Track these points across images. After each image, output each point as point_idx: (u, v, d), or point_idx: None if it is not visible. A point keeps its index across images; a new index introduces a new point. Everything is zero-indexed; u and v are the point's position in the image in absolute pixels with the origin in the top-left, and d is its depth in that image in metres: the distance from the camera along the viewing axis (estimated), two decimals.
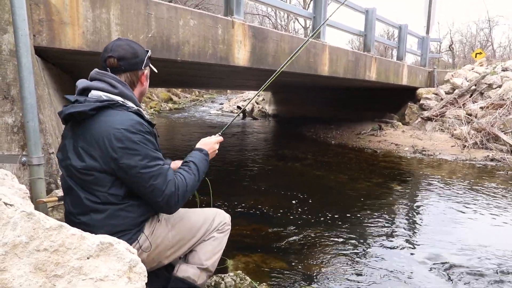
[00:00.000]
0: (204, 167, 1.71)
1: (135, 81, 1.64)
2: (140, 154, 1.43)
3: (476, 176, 6.10)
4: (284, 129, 13.29)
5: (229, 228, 1.88)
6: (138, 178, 1.44)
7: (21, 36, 2.24)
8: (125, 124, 1.44)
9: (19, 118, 2.53)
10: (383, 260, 2.92)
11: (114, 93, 1.52)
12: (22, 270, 0.88)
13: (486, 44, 24.78)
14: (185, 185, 1.54)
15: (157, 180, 1.45)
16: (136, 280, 1.03)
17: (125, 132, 1.42)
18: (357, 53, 7.82)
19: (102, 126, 1.44)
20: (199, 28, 4.25)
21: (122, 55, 1.56)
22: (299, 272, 2.68)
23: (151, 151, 1.47)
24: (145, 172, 1.43)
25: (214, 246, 1.78)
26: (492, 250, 3.15)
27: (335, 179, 5.78)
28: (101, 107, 1.46)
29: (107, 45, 1.61)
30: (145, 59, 1.64)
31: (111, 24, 3.49)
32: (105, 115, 1.46)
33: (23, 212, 0.91)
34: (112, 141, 1.41)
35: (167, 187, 1.47)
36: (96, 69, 1.59)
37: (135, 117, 1.49)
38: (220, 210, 1.92)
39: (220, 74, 7.12)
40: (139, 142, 1.44)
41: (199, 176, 1.64)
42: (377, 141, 9.44)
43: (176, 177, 1.54)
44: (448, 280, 2.62)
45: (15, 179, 1.49)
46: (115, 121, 1.44)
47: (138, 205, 1.53)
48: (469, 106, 9.46)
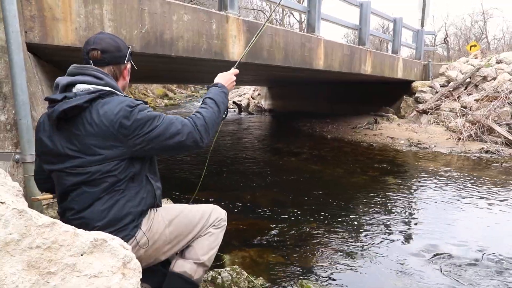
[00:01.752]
0: (222, 98, 1.75)
1: (118, 75, 1.64)
2: (149, 119, 1.47)
3: (471, 168, 6.13)
4: (280, 124, 13.29)
5: (225, 224, 1.88)
6: (157, 139, 1.48)
7: (12, 32, 2.22)
8: (123, 103, 1.45)
9: (12, 116, 2.51)
10: (379, 253, 2.93)
11: (101, 85, 1.50)
12: (15, 268, 0.87)
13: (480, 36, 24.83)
14: (202, 118, 1.59)
15: (171, 128, 1.50)
16: (130, 276, 1.03)
17: (128, 109, 1.44)
18: (352, 47, 7.82)
19: (102, 115, 1.42)
20: (193, 23, 4.22)
21: (105, 48, 1.56)
22: (296, 266, 2.70)
23: (152, 113, 1.51)
24: (159, 130, 1.48)
25: (211, 241, 1.78)
26: (486, 241, 3.18)
27: (331, 173, 5.79)
28: (94, 98, 1.44)
29: (90, 38, 1.61)
30: (127, 54, 1.66)
31: (104, 20, 3.46)
32: (100, 105, 1.44)
33: (14, 210, 0.90)
34: (121, 121, 1.42)
35: (184, 127, 1.52)
36: (74, 65, 1.56)
37: (127, 98, 1.52)
38: (216, 206, 1.91)
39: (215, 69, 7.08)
40: (140, 110, 1.47)
41: (218, 108, 1.69)
42: (372, 134, 9.47)
43: (191, 116, 1.61)
44: (443, 271, 2.64)
45: (8, 176, 1.47)
46: (113, 107, 1.44)
47: (136, 192, 1.53)
48: (464, 99, 9.49)
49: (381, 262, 2.78)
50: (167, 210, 1.71)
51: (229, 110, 16.70)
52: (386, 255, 2.90)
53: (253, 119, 15.21)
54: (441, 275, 2.60)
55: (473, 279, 2.54)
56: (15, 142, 2.51)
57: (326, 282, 2.47)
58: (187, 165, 6.00)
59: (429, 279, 2.54)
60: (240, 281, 2.32)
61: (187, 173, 5.52)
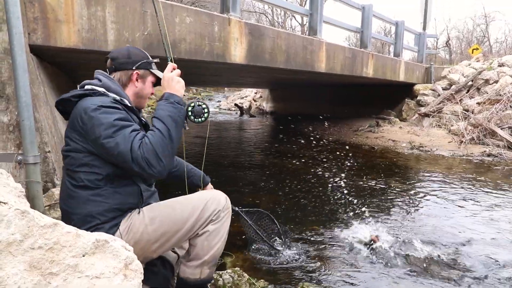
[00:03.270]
0: (168, 110, 1.55)
1: (126, 81, 1.73)
2: (103, 123, 1.45)
3: (473, 171, 6.12)
4: (281, 126, 13.29)
5: (225, 213, 1.76)
6: (106, 149, 1.45)
7: (15, 34, 2.23)
8: (95, 101, 1.51)
9: (15, 117, 2.52)
10: (381, 256, 2.92)
11: (98, 85, 1.62)
12: (17, 268, 0.88)
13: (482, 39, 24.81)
14: (150, 144, 1.44)
15: (120, 147, 1.43)
16: (132, 277, 1.03)
17: (93, 106, 1.48)
18: (354, 50, 7.82)
19: (77, 107, 1.53)
20: (195, 25, 4.23)
21: (115, 55, 1.73)
22: (297, 268, 2.69)
23: (118, 120, 1.47)
24: (109, 141, 1.44)
25: (210, 240, 1.71)
26: (487, 244, 3.17)
27: (332, 176, 5.78)
28: (82, 94, 1.57)
29: None
30: (139, 62, 1.73)
31: (106, 22, 3.47)
32: (83, 100, 1.55)
33: (17, 210, 0.90)
34: (82, 116, 1.49)
35: (132, 151, 1.42)
36: (96, 70, 1.74)
37: (108, 99, 1.56)
38: (215, 194, 1.80)
39: (217, 71, 7.11)
40: (105, 113, 1.47)
41: (165, 125, 1.50)
42: (374, 137, 9.46)
43: (142, 141, 1.48)
44: (446, 276, 2.63)
45: (10, 177, 1.48)
46: (88, 102, 1.52)
47: (113, 193, 1.55)
48: (466, 102, 9.48)
49: (383, 265, 2.77)
50: (151, 208, 1.66)
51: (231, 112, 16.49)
52: (388, 258, 2.89)
53: (255, 121, 15.21)
54: (445, 280, 2.59)
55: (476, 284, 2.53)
56: (17, 144, 2.52)
57: (328, 285, 2.46)
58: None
59: (433, 283, 2.53)
60: (241, 283, 2.31)
61: None
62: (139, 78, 1.74)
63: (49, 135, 2.88)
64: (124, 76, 1.72)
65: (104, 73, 1.70)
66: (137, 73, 1.73)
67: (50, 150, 2.76)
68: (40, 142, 2.66)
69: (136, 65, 1.73)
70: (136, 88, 1.74)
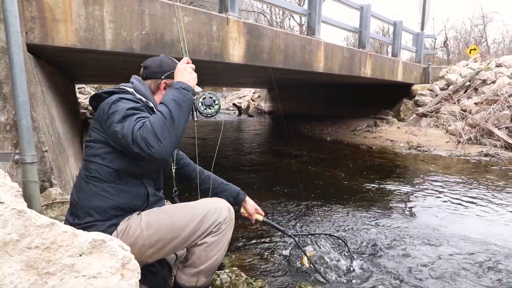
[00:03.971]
0: (173, 95, 1.54)
1: (154, 88, 1.79)
2: (118, 110, 1.51)
3: (470, 171, 6.13)
4: (279, 126, 13.30)
5: (227, 226, 1.71)
6: (115, 133, 1.49)
7: (12, 33, 2.22)
8: (119, 95, 1.59)
9: (12, 116, 2.51)
10: (378, 257, 2.93)
11: (129, 86, 1.71)
12: (13, 268, 0.87)
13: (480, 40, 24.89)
14: (150, 125, 1.44)
15: (124, 130, 1.46)
16: (129, 277, 1.03)
17: (115, 98, 1.57)
18: (352, 50, 7.83)
19: (104, 101, 1.60)
20: (193, 25, 4.23)
21: (147, 64, 1.80)
22: (295, 269, 2.69)
23: (131, 109, 1.52)
24: (117, 125, 1.48)
25: (209, 251, 1.67)
26: (484, 243, 3.18)
27: (330, 175, 5.79)
28: (112, 91, 1.65)
29: None
30: (169, 71, 1.77)
31: (104, 21, 3.47)
32: (111, 96, 1.62)
33: (13, 210, 0.90)
34: (105, 107, 1.56)
35: (133, 132, 1.44)
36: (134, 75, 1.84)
37: (132, 96, 1.63)
38: (217, 204, 1.73)
39: (215, 71, 7.10)
40: (123, 103, 1.54)
41: (168, 108, 1.48)
42: (372, 137, 9.47)
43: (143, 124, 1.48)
44: (443, 276, 2.64)
45: (7, 177, 1.47)
46: (113, 96, 1.60)
47: (120, 191, 1.56)
48: (464, 102, 9.51)
49: (381, 266, 2.78)
50: (149, 212, 1.64)
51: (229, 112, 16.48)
52: (385, 259, 2.90)
53: (253, 121, 15.22)
54: (442, 280, 2.59)
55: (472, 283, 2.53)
56: (14, 143, 2.51)
57: (326, 286, 2.47)
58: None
59: (429, 283, 2.53)
60: (239, 283, 2.31)
61: None
62: (167, 87, 1.76)
63: (47, 134, 2.87)
64: (153, 84, 1.78)
65: (138, 78, 1.78)
66: (165, 82, 1.77)
67: (48, 149, 2.75)
68: (37, 141, 2.65)
69: (165, 75, 1.77)
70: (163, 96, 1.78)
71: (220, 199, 1.82)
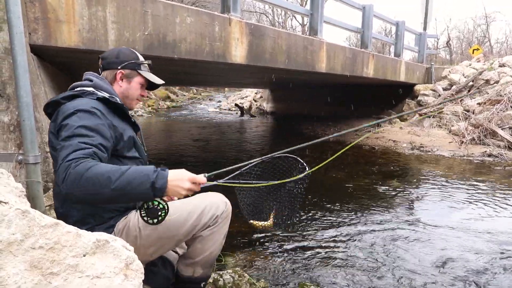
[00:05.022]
0: (136, 177, 1.22)
1: (111, 79, 1.74)
2: (68, 127, 1.37)
3: (473, 171, 6.11)
4: (282, 127, 13.29)
5: (224, 219, 1.73)
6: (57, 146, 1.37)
7: (16, 34, 2.23)
8: (76, 104, 1.47)
9: (15, 117, 2.52)
10: (381, 257, 2.92)
11: (89, 86, 1.63)
12: (18, 268, 0.87)
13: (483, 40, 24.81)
14: (85, 167, 1.20)
15: (61, 152, 1.29)
16: (133, 277, 1.03)
17: (71, 110, 1.44)
18: (354, 50, 7.82)
19: (61, 109, 1.49)
20: (196, 25, 4.23)
21: (105, 55, 1.76)
22: (298, 269, 2.69)
23: (82, 127, 1.36)
24: (60, 143, 1.34)
25: (204, 243, 1.69)
26: (488, 245, 3.17)
27: (333, 176, 5.78)
28: (72, 95, 1.55)
29: None
30: (126, 61, 1.73)
31: (107, 22, 3.48)
32: (70, 102, 1.52)
33: (17, 210, 0.90)
34: (59, 120, 1.45)
35: (64, 159, 1.24)
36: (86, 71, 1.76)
37: (93, 102, 1.51)
38: (213, 199, 1.74)
39: (218, 71, 7.11)
40: (77, 117, 1.40)
41: (115, 177, 1.20)
42: (374, 137, 9.45)
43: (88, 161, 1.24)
44: (449, 276, 2.63)
45: (11, 177, 1.47)
46: (70, 105, 1.49)
47: None
48: (467, 102, 9.48)
49: (384, 267, 2.77)
50: None
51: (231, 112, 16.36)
52: (388, 260, 2.89)
53: (255, 121, 15.21)
54: (448, 280, 2.58)
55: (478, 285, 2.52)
56: (18, 143, 2.52)
57: (328, 285, 2.46)
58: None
59: (435, 284, 2.52)
60: (241, 284, 2.31)
61: None
62: (124, 78, 1.74)
63: None
64: (110, 75, 1.74)
65: (93, 74, 1.72)
66: (122, 72, 1.73)
67: None
68: (40, 142, 2.66)
69: (122, 65, 1.73)
70: (121, 88, 1.74)
71: (217, 193, 1.83)
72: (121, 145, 1.56)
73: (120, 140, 1.56)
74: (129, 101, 1.78)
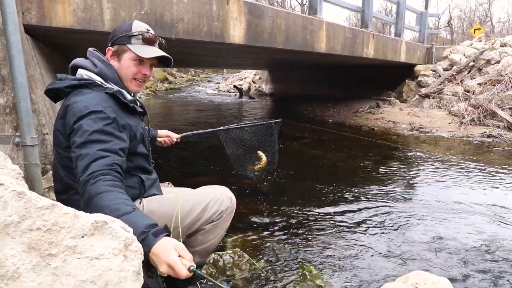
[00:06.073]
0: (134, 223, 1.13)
1: (107, 56, 1.57)
2: (83, 131, 1.32)
3: (472, 152, 6.12)
4: (281, 108, 13.23)
5: (228, 214, 1.72)
6: (72, 154, 1.33)
7: (9, 13, 2.18)
8: (87, 104, 1.37)
9: (11, 99, 2.49)
10: (380, 237, 2.94)
11: (94, 72, 1.50)
12: (15, 250, 0.87)
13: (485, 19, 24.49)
14: (95, 194, 1.19)
15: (79, 161, 1.27)
16: (132, 258, 1.02)
17: (84, 111, 1.35)
18: (354, 30, 7.71)
19: (72, 106, 1.40)
20: (193, 4, 4.15)
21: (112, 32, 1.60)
22: (297, 249, 2.71)
23: (97, 132, 1.32)
24: (75, 151, 1.31)
25: (206, 236, 1.69)
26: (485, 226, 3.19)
27: (332, 157, 5.78)
28: (77, 85, 1.45)
29: None
30: (116, 36, 1.53)
31: (102, 1, 3.40)
32: (78, 94, 1.43)
33: (13, 191, 0.89)
34: (70, 119, 1.37)
35: (85, 172, 1.24)
36: (91, 48, 1.60)
37: (103, 99, 1.42)
38: (218, 194, 1.72)
39: (216, 52, 7.01)
40: (91, 120, 1.34)
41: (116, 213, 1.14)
42: (374, 118, 9.42)
43: (105, 179, 1.22)
44: (446, 258, 2.65)
45: (8, 159, 1.46)
46: (82, 99, 1.39)
47: None
48: (467, 83, 9.41)
49: (382, 247, 2.79)
50: (150, 201, 1.61)
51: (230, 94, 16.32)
52: (387, 240, 2.91)
53: (254, 103, 15.14)
54: (444, 261, 2.61)
55: (475, 265, 2.55)
56: (14, 126, 2.49)
57: (327, 265, 2.49)
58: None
59: (430, 264, 2.55)
60: (241, 264, 2.33)
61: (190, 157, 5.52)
62: (114, 55, 1.54)
63: (47, 117, 2.85)
64: (107, 52, 1.57)
65: (98, 56, 1.55)
66: (110, 49, 1.54)
67: (48, 132, 2.74)
68: (37, 124, 2.64)
69: (112, 41, 1.54)
70: (115, 67, 1.56)
71: (223, 187, 1.82)
72: (133, 143, 1.52)
73: (133, 139, 1.52)
74: (126, 83, 1.57)
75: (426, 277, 1.67)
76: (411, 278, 1.67)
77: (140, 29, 1.54)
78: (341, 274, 2.38)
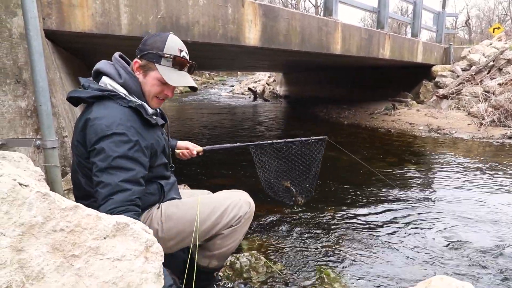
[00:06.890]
0: None
1: (133, 70, 1.54)
2: (106, 155, 1.32)
3: (493, 154, 5.97)
4: (296, 110, 13.19)
5: (246, 219, 1.72)
6: (93, 178, 1.34)
7: (30, 18, 2.22)
8: (110, 122, 1.35)
9: (32, 102, 2.53)
10: (399, 241, 2.89)
11: (119, 83, 1.49)
12: (40, 250, 0.88)
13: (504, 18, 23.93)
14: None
15: (102, 189, 1.30)
16: (153, 260, 1.03)
17: (107, 132, 1.34)
18: (370, 31, 7.63)
19: (91, 116, 1.39)
20: (208, 7, 4.17)
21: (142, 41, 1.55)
22: (315, 252, 2.68)
23: (120, 158, 1.32)
24: (98, 174, 1.32)
25: (225, 240, 1.69)
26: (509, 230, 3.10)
27: (348, 159, 5.72)
28: (101, 96, 1.43)
29: None
30: (148, 51, 1.48)
31: (120, 6, 3.45)
32: (101, 107, 1.41)
33: (38, 193, 0.90)
34: (91, 133, 1.36)
35: (104, 205, 1.28)
36: (118, 53, 1.58)
37: (126, 116, 1.39)
38: (236, 199, 1.71)
39: (231, 55, 7.04)
40: (113, 143, 1.33)
41: None
42: (391, 120, 9.30)
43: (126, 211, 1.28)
44: (463, 260, 2.58)
45: (30, 161, 1.49)
46: (104, 116, 1.37)
47: None
48: (487, 83, 9.20)
49: (401, 250, 2.74)
50: (169, 205, 1.62)
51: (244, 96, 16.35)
52: (406, 243, 2.86)
53: (269, 105, 15.12)
54: (466, 266, 2.54)
55: (499, 271, 2.48)
56: (35, 128, 2.54)
57: (345, 269, 2.45)
58: None
59: (450, 268, 2.49)
60: (258, 267, 2.32)
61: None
62: (140, 69, 1.52)
63: (66, 120, 2.90)
64: (134, 64, 1.54)
65: (124, 65, 1.52)
66: (138, 61, 1.51)
67: (67, 135, 2.79)
68: (57, 127, 2.69)
69: (142, 53, 1.50)
70: (140, 81, 1.54)
71: (241, 191, 1.81)
72: (152, 160, 1.52)
73: (154, 155, 1.52)
74: (147, 98, 1.54)
75: (449, 282, 1.62)
76: (434, 283, 1.63)
77: (173, 51, 1.50)
78: (360, 278, 2.34)
